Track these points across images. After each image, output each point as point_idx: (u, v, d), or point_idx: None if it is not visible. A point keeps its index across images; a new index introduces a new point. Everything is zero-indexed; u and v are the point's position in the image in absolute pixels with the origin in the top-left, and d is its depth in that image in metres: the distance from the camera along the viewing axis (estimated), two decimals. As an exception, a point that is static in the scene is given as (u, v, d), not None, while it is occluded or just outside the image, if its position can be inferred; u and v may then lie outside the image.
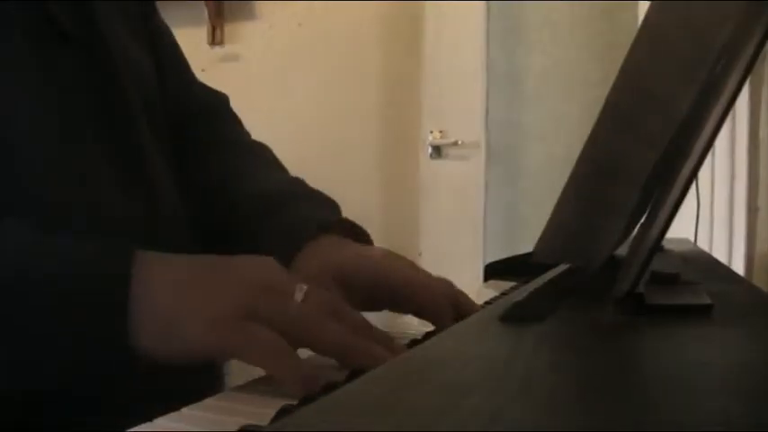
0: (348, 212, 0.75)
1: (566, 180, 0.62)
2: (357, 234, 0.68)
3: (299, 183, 0.76)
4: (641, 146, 0.53)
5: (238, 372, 0.56)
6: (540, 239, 0.59)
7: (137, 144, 0.64)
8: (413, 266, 0.62)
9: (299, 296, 0.45)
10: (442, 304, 0.57)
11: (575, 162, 0.61)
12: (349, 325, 0.45)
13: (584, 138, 0.58)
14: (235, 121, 0.85)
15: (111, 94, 0.62)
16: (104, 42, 0.63)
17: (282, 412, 0.36)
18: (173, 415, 0.37)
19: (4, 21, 0.55)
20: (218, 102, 0.85)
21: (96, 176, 0.59)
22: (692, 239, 1.11)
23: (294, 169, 0.81)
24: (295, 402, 0.38)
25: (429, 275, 0.61)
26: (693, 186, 0.40)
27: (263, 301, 0.44)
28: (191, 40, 0.83)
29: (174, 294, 0.44)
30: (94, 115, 0.60)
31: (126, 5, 0.71)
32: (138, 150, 0.64)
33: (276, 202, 0.70)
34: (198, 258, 0.49)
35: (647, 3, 1.98)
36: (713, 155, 1.91)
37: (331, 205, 0.73)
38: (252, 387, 0.44)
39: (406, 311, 0.59)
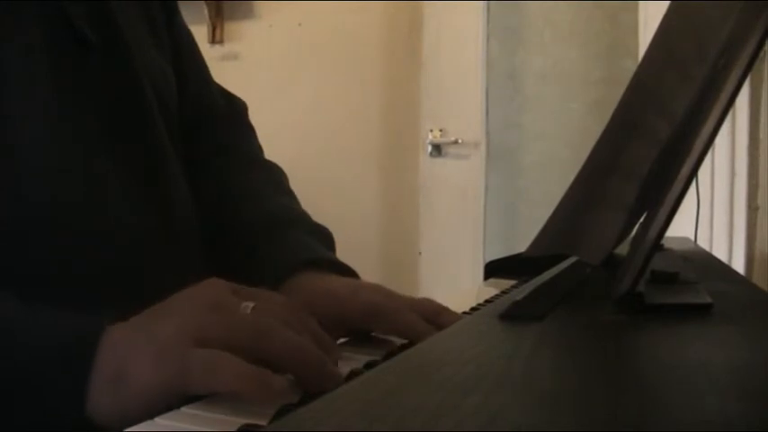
0: (348, 211, 0.77)
1: (565, 180, 0.62)
2: (342, 270, 0.67)
3: (296, 212, 0.75)
4: (640, 142, 0.53)
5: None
6: (537, 236, 0.59)
7: (153, 146, 0.64)
8: (386, 295, 0.60)
9: (243, 311, 0.43)
10: (414, 328, 0.55)
11: (574, 161, 0.61)
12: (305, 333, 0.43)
13: (584, 137, 0.58)
14: (250, 132, 0.85)
15: (129, 97, 0.62)
16: (124, 46, 0.63)
17: (282, 412, 0.36)
18: (172, 414, 0.37)
19: (22, 25, 0.55)
20: (236, 109, 0.85)
21: (110, 181, 0.58)
22: (693, 238, 1.11)
23: (294, 168, 0.81)
24: (295, 402, 0.38)
25: (398, 300, 0.59)
26: (693, 185, 0.40)
27: (207, 320, 0.42)
28: (190, 38, 0.83)
29: (119, 348, 0.41)
30: (112, 119, 0.60)
31: (148, 6, 0.71)
32: (154, 154, 0.64)
33: (269, 230, 0.69)
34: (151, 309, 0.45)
35: (648, 3, 1.98)
36: (713, 153, 1.91)
37: (324, 238, 0.72)
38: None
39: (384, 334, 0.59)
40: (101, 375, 0.40)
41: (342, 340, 0.57)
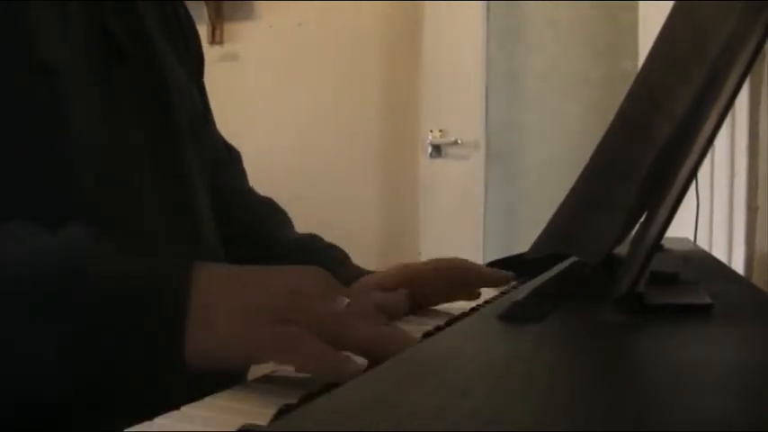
0: (348, 211, 0.80)
1: (565, 180, 0.62)
2: None
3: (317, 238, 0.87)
4: (640, 142, 0.53)
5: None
6: (539, 237, 0.59)
7: (180, 160, 0.67)
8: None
9: (340, 304, 0.46)
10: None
11: (574, 161, 0.61)
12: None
13: (584, 137, 0.58)
14: (246, 177, 0.92)
15: (159, 110, 0.65)
16: (156, 63, 0.65)
17: (282, 412, 0.36)
18: (173, 414, 0.37)
19: (67, 36, 0.57)
20: (235, 156, 0.91)
21: (141, 191, 0.61)
22: (692, 239, 1.11)
23: (293, 169, 0.84)
24: (295, 402, 0.38)
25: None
26: (693, 185, 0.40)
27: (293, 304, 0.44)
28: (190, 39, 0.85)
29: (213, 295, 0.44)
30: (144, 129, 0.62)
31: (170, 22, 0.73)
32: (181, 167, 0.67)
33: (303, 252, 0.81)
34: (250, 266, 0.49)
35: (648, 3, 1.98)
36: (713, 154, 1.91)
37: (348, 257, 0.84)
38: (252, 386, 0.44)
39: None
40: (193, 318, 0.43)
41: None
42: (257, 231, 0.83)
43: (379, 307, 0.49)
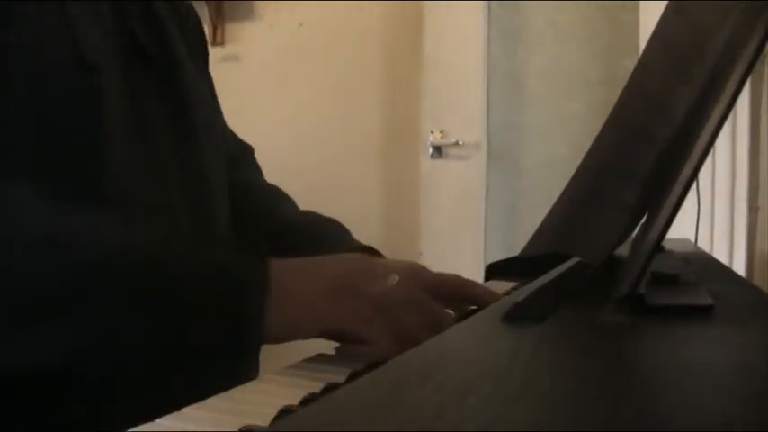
0: (349, 212, 0.80)
1: (566, 180, 0.62)
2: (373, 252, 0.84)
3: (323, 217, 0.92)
4: (640, 143, 0.53)
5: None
6: (534, 236, 0.59)
7: (199, 160, 0.68)
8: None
9: (391, 281, 0.54)
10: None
11: (575, 162, 0.61)
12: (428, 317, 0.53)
13: (585, 138, 0.58)
14: (260, 172, 0.94)
15: (178, 111, 0.66)
16: (176, 65, 0.67)
17: (282, 412, 0.37)
18: (173, 415, 0.37)
19: (100, 35, 0.58)
20: (249, 150, 0.94)
21: (165, 191, 0.63)
22: (693, 240, 1.11)
23: (294, 170, 0.85)
24: (296, 403, 0.38)
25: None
26: (694, 186, 0.40)
27: (362, 281, 0.52)
28: (191, 39, 0.86)
29: (284, 279, 0.51)
30: (165, 130, 0.64)
31: (184, 25, 0.75)
32: (200, 167, 0.68)
33: (317, 229, 0.86)
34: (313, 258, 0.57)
35: (648, 3, 1.98)
36: (714, 155, 1.91)
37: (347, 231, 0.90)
38: (252, 387, 0.44)
39: None
40: (271, 298, 0.49)
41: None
42: (268, 218, 0.85)
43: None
